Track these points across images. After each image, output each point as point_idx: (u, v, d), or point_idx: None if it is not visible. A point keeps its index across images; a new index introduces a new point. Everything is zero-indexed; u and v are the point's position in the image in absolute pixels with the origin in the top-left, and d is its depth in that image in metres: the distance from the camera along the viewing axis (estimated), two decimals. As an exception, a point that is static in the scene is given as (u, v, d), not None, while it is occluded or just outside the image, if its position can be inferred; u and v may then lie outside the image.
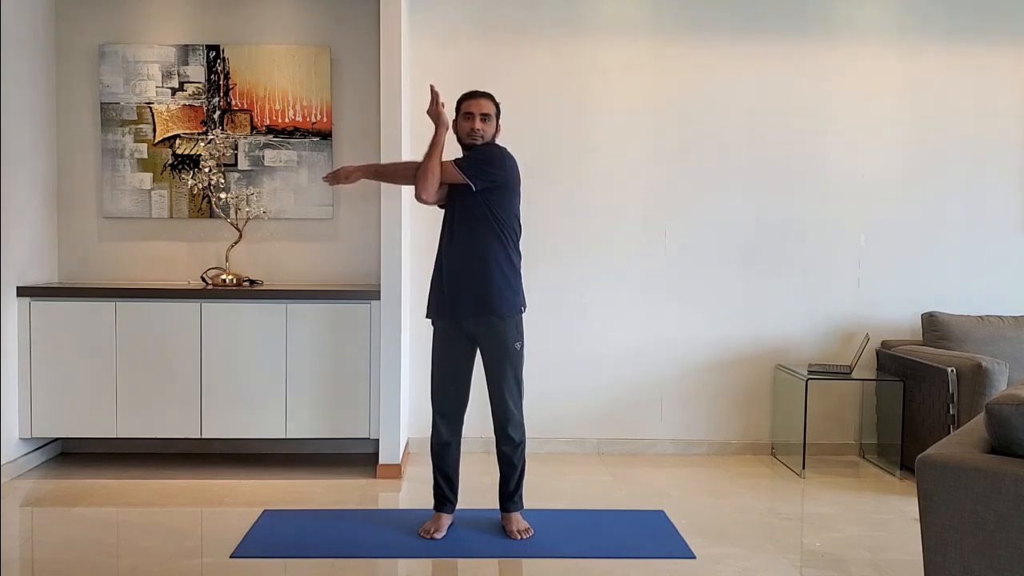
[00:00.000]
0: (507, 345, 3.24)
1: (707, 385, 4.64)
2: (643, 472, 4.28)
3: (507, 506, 3.35)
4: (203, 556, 3.08)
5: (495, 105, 3.32)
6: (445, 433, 3.34)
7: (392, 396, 4.06)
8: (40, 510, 3.61)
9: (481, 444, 4.44)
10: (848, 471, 4.38)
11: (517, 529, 3.30)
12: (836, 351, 4.66)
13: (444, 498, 3.36)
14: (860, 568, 3.07)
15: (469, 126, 3.26)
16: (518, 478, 3.35)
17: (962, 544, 2.01)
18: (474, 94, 3.32)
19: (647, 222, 4.60)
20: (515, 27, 4.53)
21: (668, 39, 4.56)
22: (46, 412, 4.08)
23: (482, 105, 3.28)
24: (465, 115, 3.28)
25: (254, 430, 4.12)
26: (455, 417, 3.35)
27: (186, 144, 4.47)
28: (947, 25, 4.60)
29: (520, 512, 3.36)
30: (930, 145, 4.65)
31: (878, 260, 4.66)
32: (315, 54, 4.46)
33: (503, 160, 3.25)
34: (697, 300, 4.62)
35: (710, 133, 4.59)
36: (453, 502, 3.38)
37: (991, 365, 3.90)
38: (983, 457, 2.06)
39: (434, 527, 3.30)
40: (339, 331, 4.10)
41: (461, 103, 3.32)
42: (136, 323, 4.08)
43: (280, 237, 4.54)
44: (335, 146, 4.51)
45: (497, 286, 3.20)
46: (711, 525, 3.47)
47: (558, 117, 4.55)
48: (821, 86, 4.60)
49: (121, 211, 4.48)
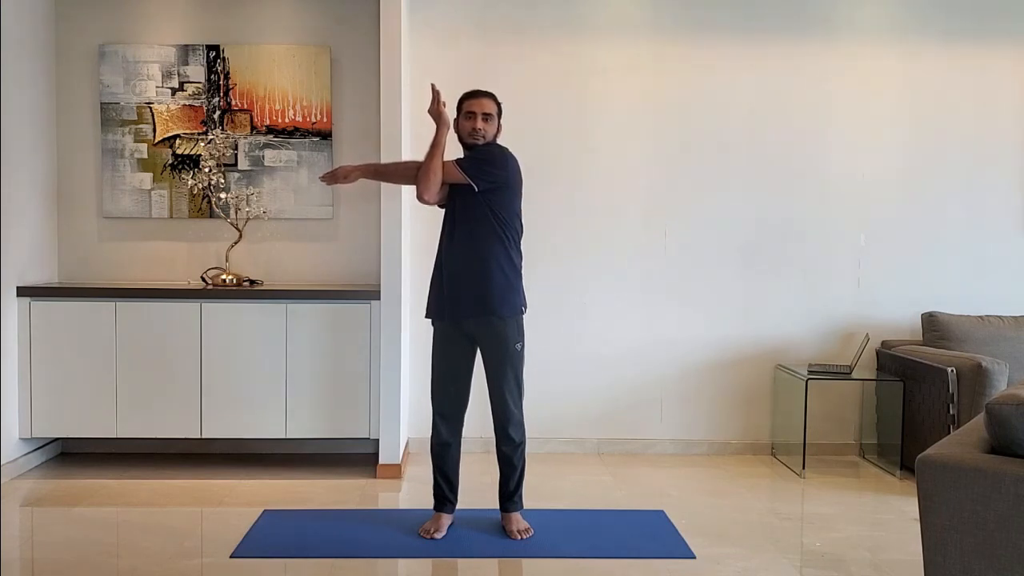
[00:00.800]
0: (507, 345, 3.24)
1: (707, 385, 4.64)
2: (643, 472, 4.28)
3: (507, 506, 3.35)
4: (203, 556, 3.08)
5: (497, 104, 3.30)
6: (445, 433, 3.34)
7: (392, 396, 4.06)
8: (40, 510, 3.61)
9: (481, 444, 4.44)
10: (848, 471, 4.38)
11: (517, 529, 3.30)
12: (836, 351, 4.66)
13: (444, 498, 3.36)
14: (860, 568, 3.07)
15: (471, 125, 3.24)
16: (518, 478, 3.34)
17: (962, 544, 2.01)
18: (476, 93, 3.30)
19: (647, 222, 4.60)
20: (515, 27, 4.53)
21: (668, 39, 4.57)
22: (46, 412, 4.08)
23: (484, 104, 3.26)
24: (467, 114, 3.27)
25: (254, 430, 4.12)
26: (455, 417, 3.35)
27: (186, 144, 4.47)
28: (947, 25, 4.61)
29: (520, 512, 3.36)
30: (930, 145, 4.65)
31: (878, 260, 4.66)
32: (315, 54, 4.46)
33: (505, 160, 3.23)
34: (697, 300, 4.62)
35: (710, 133, 4.59)
36: (453, 502, 3.38)
37: (991, 365, 3.90)
38: (983, 457, 2.06)
39: (434, 527, 3.30)
40: (339, 331, 4.10)
41: (463, 102, 3.30)
42: (136, 323, 4.08)
43: (280, 237, 4.54)
44: (335, 146, 4.51)
45: (498, 286, 3.19)
46: (711, 525, 3.47)
47: (558, 117, 4.55)
48: (821, 86, 4.60)
49: (121, 211, 4.48)
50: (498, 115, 3.31)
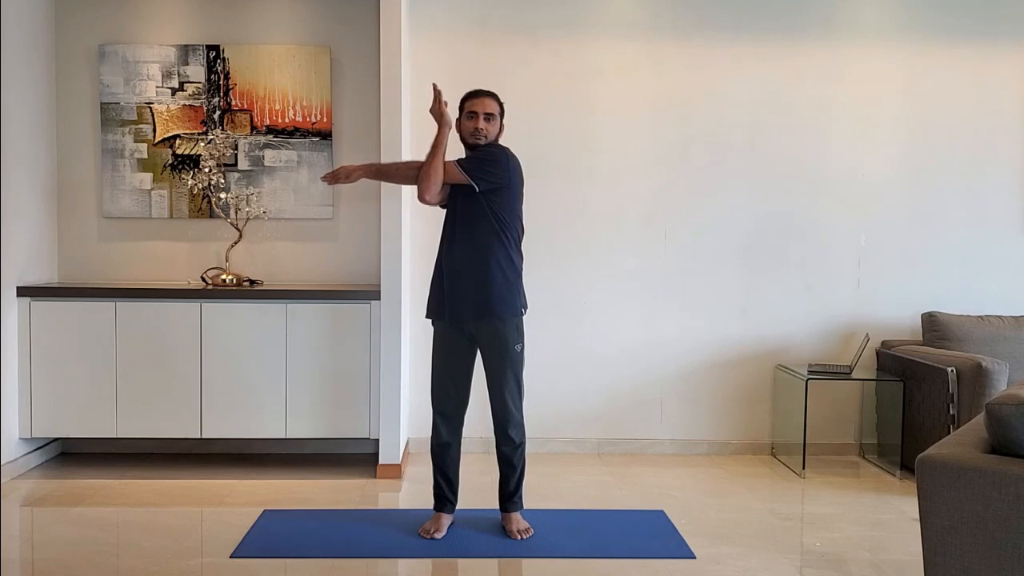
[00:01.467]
0: (507, 346, 3.24)
1: (707, 385, 4.64)
2: (643, 472, 4.28)
3: (507, 506, 3.35)
4: (203, 556, 3.08)
5: (499, 104, 3.30)
6: (445, 433, 3.33)
7: (392, 396, 4.06)
8: (40, 510, 3.61)
9: (481, 444, 4.44)
10: (848, 471, 4.38)
11: (517, 529, 3.30)
12: (836, 351, 4.66)
13: (444, 498, 3.36)
14: (860, 568, 3.07)
15: (472, 125, 3.23)
16: (518, 478, 3.34)
17: (962, 544, 2.01)
18: (478, 93, 3.28)
19: (647, 221, 4.60)
20: (515, 27, 4.53)
21: (668, 39, 4.56)
22: (46, 412, 4.08)
23: (486, 104, 3.24)
24: (468, 114, 3.26)
25: (254, 430, 4.12)
26: (455, 418, 3.35)
27: (186, 144, 4.47)
28: (948, 25, 4.60)
29: (520, 512, 3.36)
30: (930, 145, 4.65)
31: (878, 260, 4.66)
32: (315, 54, 4.46)
33: (507, 161, 3.23)
34: (697, 300, 4.62)
35: (710, 133, 4.59)
36: (453, 502, 3.38)
37: (991, 365, 3.90)
38: (983, 457, 2.06)
39: (434, 527, 3.30)
40: (339, 331, 4.10)
41: (464, 102, 3.29)
42: (136, 323, 4.08)
43: (280, 237, 4.54)
44: (335, 146, 4.51)
45: (497, 287, 3.19)
46: (711, 525, 3.47)
47: (558, 117, 4.55)
48: (821, 86, 4.60)
49: (121, 211, 4.48)
50: (500, 115, 3.30)
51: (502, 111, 3.32)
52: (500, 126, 3.31)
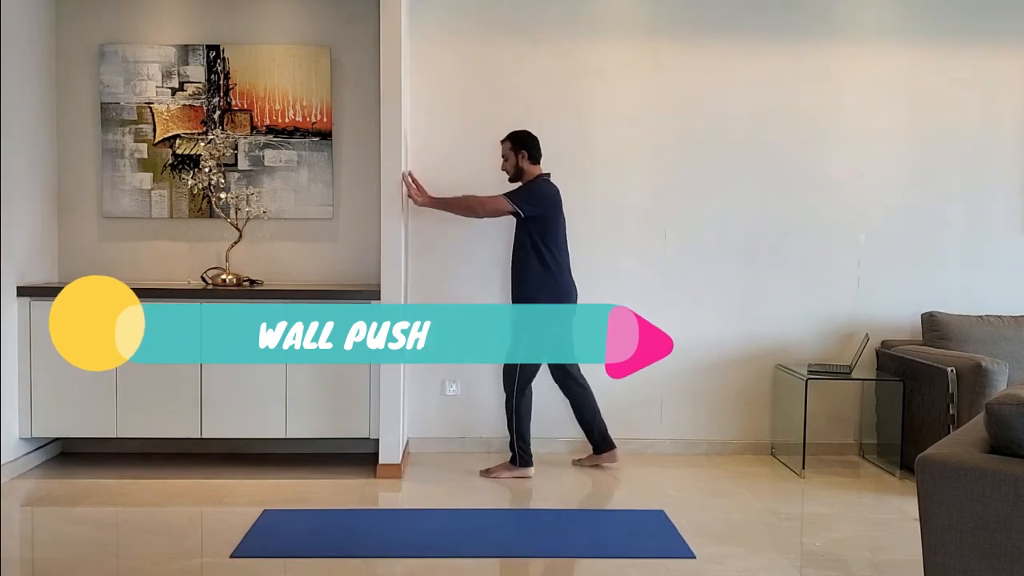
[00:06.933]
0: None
1: (707, 385, 4.64)
2: (643, 472, 4.28)
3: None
4: (203, 556, 3.09)
5: (510, 142, 4.07)
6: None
7: (392, 396, 4.06)
8: (40, 510, 3.61)
9: (482, 444, 4.44)
10: (848, 471, 4.38)
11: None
12: (836, 351, 4.66)
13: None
14: (860, 568, 3.07)
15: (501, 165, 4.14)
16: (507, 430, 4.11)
17: (962, 544, 2.01)
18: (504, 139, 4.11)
19: (647, 221, 4.60)
20: (515, 27, 4.53)
21: (668, 39, 4.56)
22: (46, 412, 4.07)
23: (502, 148, 4.11)
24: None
25: (254, 430, 4.12)
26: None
27: (186, 144, 4.47)
28: (948, 25, 4.60)
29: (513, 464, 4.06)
30: (930, 145, 4.65)
31: (878, 260, 4.66)
32: (315, 54, 4.46)
33: (543, 196, 4.02)
34: (697, 299, 4.62)
35: (710, 133, 4.59)
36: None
37: (991, 365, 3.90)
38: (983, 457, 2.06)
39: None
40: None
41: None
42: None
43: (280, 237, 4.54)
44: (335, 146, 4.51)
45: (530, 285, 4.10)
46: (711, 525, 3.47)
47: (558, 117, 4.54)
48: (822, 86, 4.60)
49: (121, 211, 4.48)
50: (514, 150, 4.05)
51: (516, 145, 4.05)
52: (518, 156, 4.06)
